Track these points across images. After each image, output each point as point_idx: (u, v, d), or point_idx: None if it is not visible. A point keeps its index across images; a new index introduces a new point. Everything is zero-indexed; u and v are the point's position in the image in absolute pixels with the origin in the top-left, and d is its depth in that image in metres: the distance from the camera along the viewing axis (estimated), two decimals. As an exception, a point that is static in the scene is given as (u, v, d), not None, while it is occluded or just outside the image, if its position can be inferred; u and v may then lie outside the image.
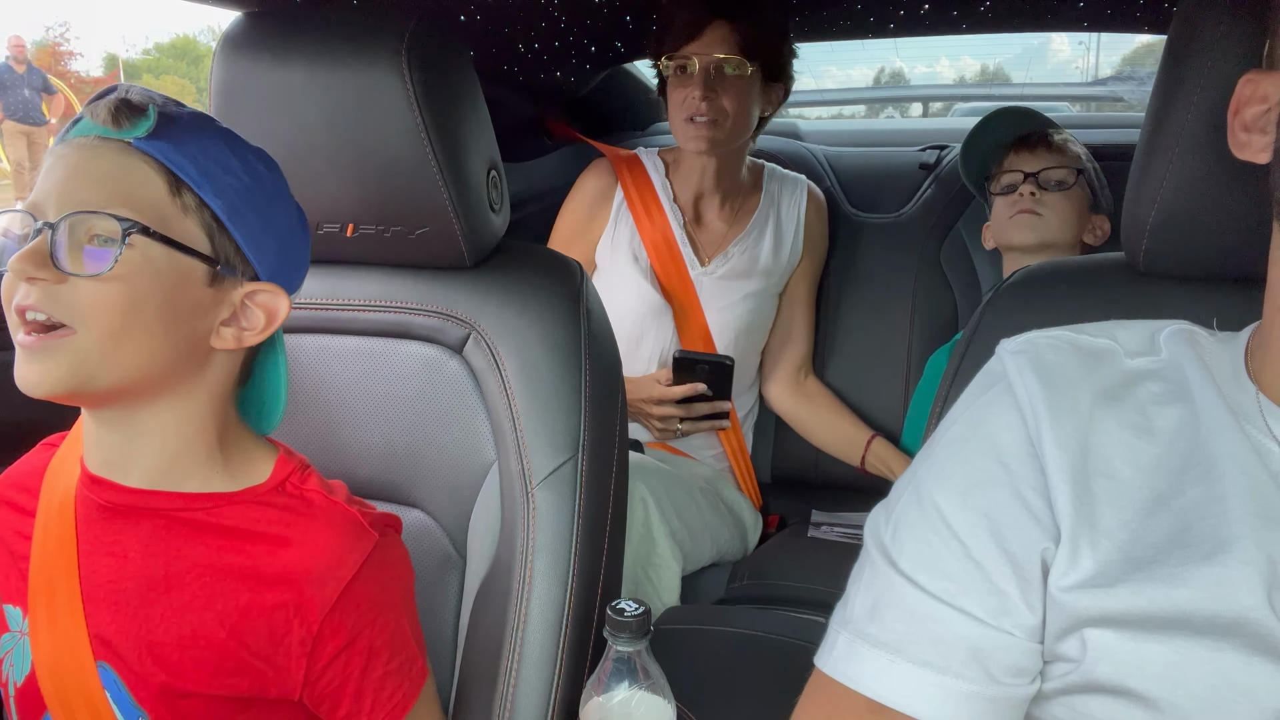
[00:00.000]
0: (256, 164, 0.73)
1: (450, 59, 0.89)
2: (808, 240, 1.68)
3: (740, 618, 1.18)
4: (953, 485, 0.60)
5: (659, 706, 0.66)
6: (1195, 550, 0.54)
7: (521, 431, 0.88)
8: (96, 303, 0.64)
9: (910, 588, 0.59)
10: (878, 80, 4.27)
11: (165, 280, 0.67)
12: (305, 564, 0.71)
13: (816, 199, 1.70)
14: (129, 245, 0.65)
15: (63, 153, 0.68)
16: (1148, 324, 0.66)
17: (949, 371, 0.85)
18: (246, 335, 0.73)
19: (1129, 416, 0.60)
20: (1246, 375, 0.60)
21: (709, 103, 1.46)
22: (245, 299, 0.72)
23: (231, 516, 0.73)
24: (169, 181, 0.68)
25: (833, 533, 1.58)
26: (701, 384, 1.51)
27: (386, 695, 0.74)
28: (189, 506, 0.72)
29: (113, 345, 0.65)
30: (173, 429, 0.72)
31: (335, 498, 0.76)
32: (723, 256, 1.62)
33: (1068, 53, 4.11)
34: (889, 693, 0.58)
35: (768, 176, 1.69)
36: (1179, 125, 0.73)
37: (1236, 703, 0.52)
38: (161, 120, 0.68)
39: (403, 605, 0.78)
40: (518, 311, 0.92)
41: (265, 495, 0.74)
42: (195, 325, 0.70)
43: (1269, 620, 0.52)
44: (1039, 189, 1.51)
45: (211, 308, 0.70)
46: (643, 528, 1.33)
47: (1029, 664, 0.58)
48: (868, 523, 0.65)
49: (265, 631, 0.70)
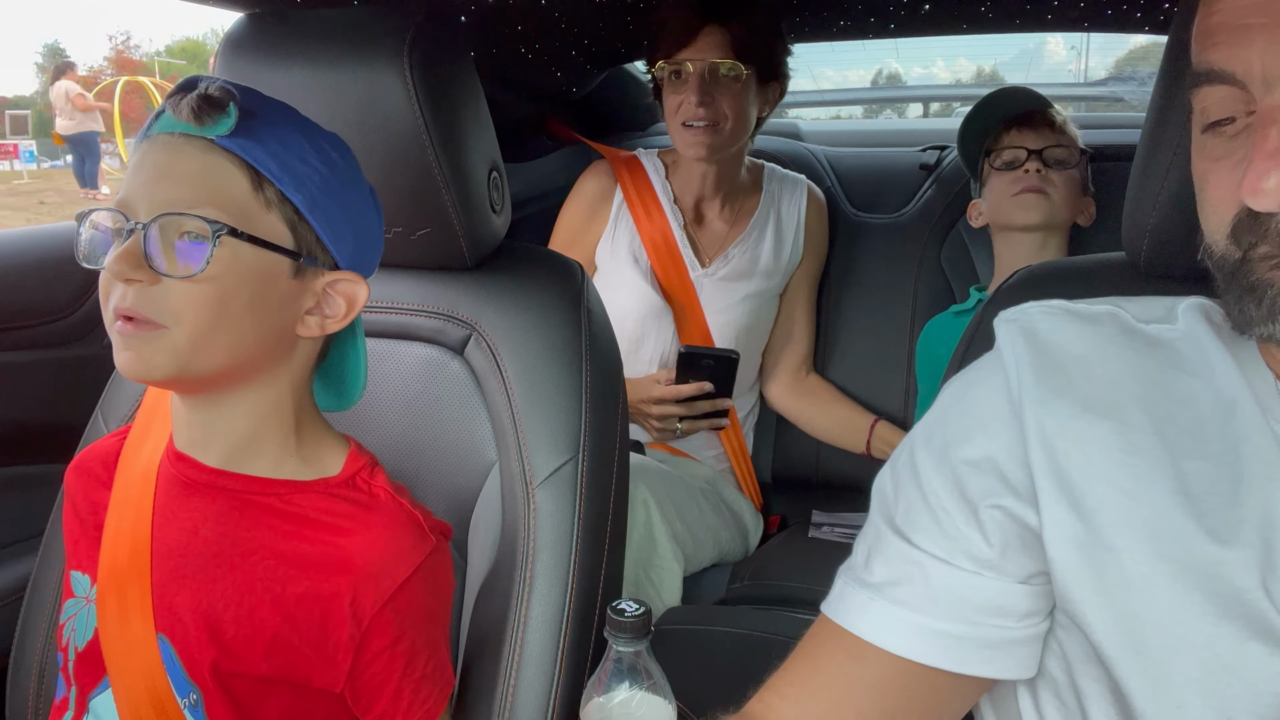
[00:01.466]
0: (331, 152, 0.74)
1: (451, 59, 0.89)
2: (808, 240, 1.68)
3: (741, 618, 1.18)
4: (933, 445, 0.64)
5: (660, 707, 0.66)
6: (1198, 525, 0.54)
7: (522, 432, 0.88)
8: (188, 302, 0.66)
9: (895, 537, 0.63)
10: (875, 82, 4.25)
11: (253, 276, 0.69)
12: (364, 558, 0.72)
13: (816, 199, 1.70)
14: (219, 245, 0.66)
15: (147, 150, 0.69)
16: (1163, 299, 0.66)
17: (951, 368, 0.85)
18: (329, 323, 0.74)
19: (1140, 373, 0.60)
20: (1263, 361, 0.59)
21: (706, 107, 1.46)
22: (326, 288, 0.74)
23: (301, 504, 0.74)
24: (251, 178, 0.68)
25: (833, 533, 1.58)
26: (708, 383, 1.50)
27: (422, 698, 0.75)
28: (264, 490, 0.74)
29: (204, 340, 0.67)
30: (254, 411, 0.74)
31: (401, 498, 0.77)
32: (723, 258, 1.62)
33: (1063, 56, 4.12)
34: (866, 627, 0.62)
35: (767, 176, 1.69)
36: (1179, 125, 0.73)
37: (1233, 686, 0.52)
38: (242, 116, 0.69)
39: (443, 613, 0.79)
40: (519, 312, 0.92)
41: (336, 487, 0.75)
42: (282, 316, 0.72)
43: (1263, 604, 0.52)
44: (1044, 166, 1.48)
45: (296, 298, 0.72)
46: (644, 529, 1.33)
47: (1016, 604, 0.60)
48: (875, 481, 0.69)
49: (318, 619, 0.72)
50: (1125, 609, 0.55)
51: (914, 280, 1.74)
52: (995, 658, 0.61)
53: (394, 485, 0.78)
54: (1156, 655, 0.54)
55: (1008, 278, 0.89)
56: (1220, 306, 0.61)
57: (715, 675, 1.03)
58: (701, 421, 1.56)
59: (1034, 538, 0.59)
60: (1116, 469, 0.57)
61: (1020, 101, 1.58)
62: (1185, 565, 0.54)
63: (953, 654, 0.60)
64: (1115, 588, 0.55)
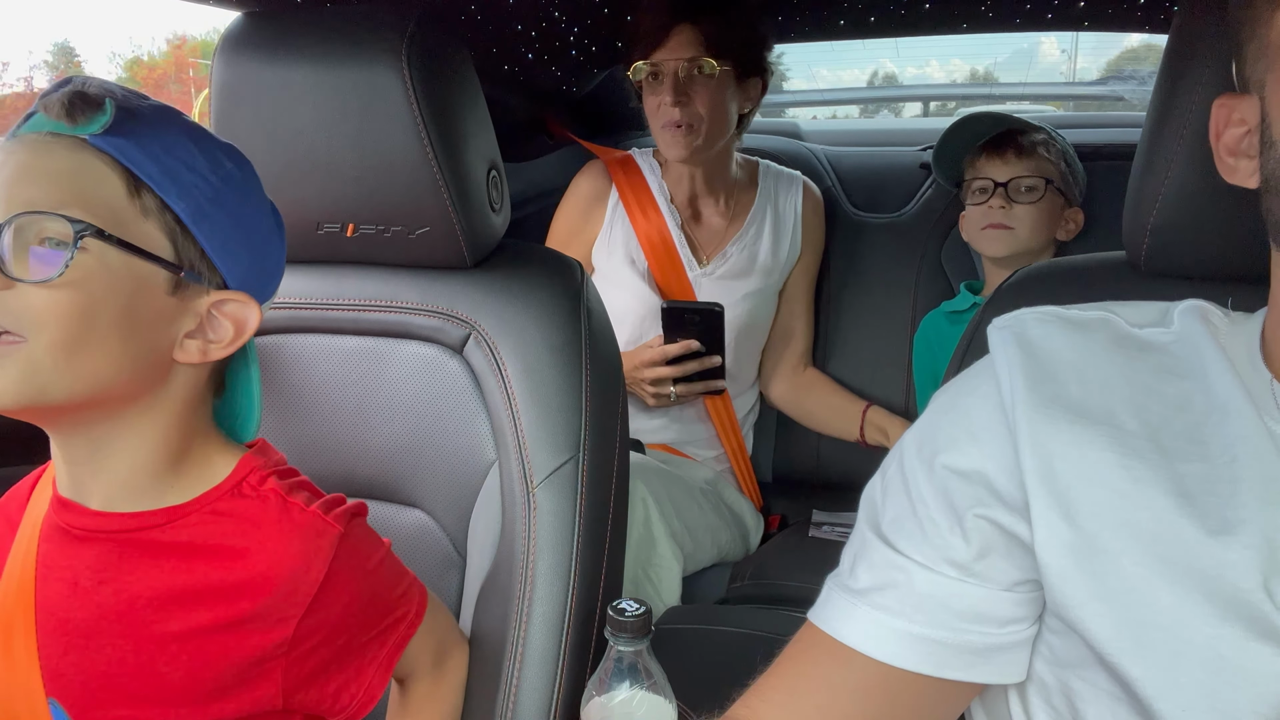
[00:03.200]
0: (226, 162, 0.68)
1: (450, 59, 0.89)
2: (806, 236, 1.67)
3: (741, 618, 1.18)
4: (923, 453, 0.64)
5: (660, 706, 0.66)
6: (1198, 526, 0.54)
7: (522, 431, 0.88)
8: (47, 310, 0.60)
9: (880, 544, 0.63)
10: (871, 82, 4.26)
11: (122, 287, 0.62)
12: (269, 574, 0.67)
13: (812, 194, 1.70)
14: (82, 249, 0.60)
15: (12, 149, 0.62)
16: (1157, 303, 0.66)
17: (951, 370, 0.85)
18: (213, 348, 0.68)
19: (1134, 379, 0.60)
20: (1261, 360, 0.59)
21: (682, 108, 1.45)
22: (212, 308, 0.67)
23: (185, 532, 0.68)
24: (127, 181, 0.63)
25: (833, 532, 1.58)
26: (695, 341, 1.46)
27: (387, 649, 0.74)
28: (141, 526, 0.68)
29: (66, 356, 0.61)
30: (134, 447, 0.67)
31: (294, 498, 0.71)
32: (721, 256, 1.61)
33: (1056, 56, 4.12)
34: (848, 633, 0.62)
35: (763, 173, 1.68)
36: (1180, 125, 0.73)
37: (1237, 687, 0.52)
38: (120, 115, 0.63)
39: (380, 575, 0.74)
40: (518, 311, 0.92)
41: (220, 501, 0.69)
42: (156, 337, 0.65)
43: (1264, 604, 0.52)
44: (1008, 201, 1.51)
45: (174, 318, 0.66)
46: (643, 528, 1.33)
47: (998, 611, 0.60)
48: (865, 489, 0.69)
49: (234, 650, 0.67)
50: (1126, 613, 0.55)
51: (914, 279, 1.74)
52: (976, 663, 0.61)
53: (289, 485, 0.72)
54: (1161, 657, 0.54)
55: (1008, 277, 0.89)
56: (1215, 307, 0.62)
57: (715, 675, 1.03)
58: (697, 385, 1.52)
59: (1020, 548, 0.59)
60: (1112, 473, 0.56)
61: (990, 127, 1.59)
62: (1186, 567, 0.54)
63: (933, 659, 0.60)
64: (1116, 592, 0.55)
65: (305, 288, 0.97)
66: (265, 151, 0.89)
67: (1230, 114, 0.59)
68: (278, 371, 0.97)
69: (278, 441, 0.85)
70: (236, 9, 0.93)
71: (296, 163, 0.89)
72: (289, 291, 0.97)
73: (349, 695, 0.73)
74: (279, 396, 0.97)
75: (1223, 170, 0.60)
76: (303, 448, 0.96)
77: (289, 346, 0.97)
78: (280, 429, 0.96)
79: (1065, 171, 1.55)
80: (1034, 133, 1.55)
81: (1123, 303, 0.67)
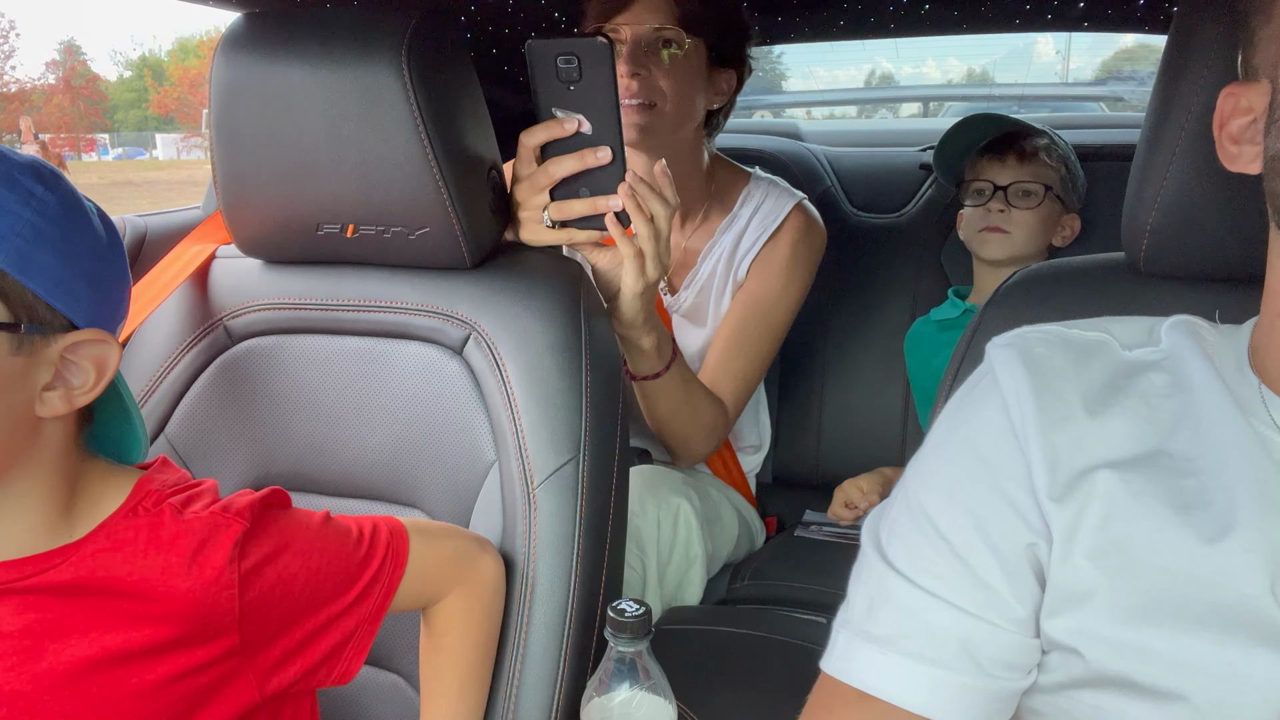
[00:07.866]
0: (36, 188, 0.59)
1: (450, 59, 0.89)
2: (767, 261, 1.34)
3: (741, 618, 1.18)
4: (937, 485, 0.62)
5: (660, 707, 0.66)
6: (1196, 535, 0.54)
7: (522, 432, 0.88)
8: None
9: (902, 583, 0.60)
10: (868, 82, 4.26)
11: None
12: (182, 591, 0.63)
13: (800, 221, 1.37)
14: None
15: None
16: (1145, 319, 0.66)
17: (949, 373, 0.85)
18: (77, 396, 0.62)
19: (1129, 405, 0.60)
20: (1250, 368, 0.60)
21: (640, 80, 1.21)
22: (65, 354, 0.61)
23: (85, 565, 0.63)
24: None
25: (821, 532, 1.57)
26: (580, 116, 0.92)
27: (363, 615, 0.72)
28: (38, 569, 0.62)
29: None
30: (22, 509, 0.63)
31: (192, 507, 0.67)
32: (685, 285, 1.39)
33: (1051, 57, 4.14)
34: (882, 685, 0.59)
35: (751, 187, 1.40)
36: (1179, 125, 0.73)
37: (1243, 694, 0.52)
38: None
39: (318, 550, 0.70)
40: (518, 312, 0.92)
41: (115, 528, 0.65)
42: (11, 401, 0.59)
43: (1271, 609, 0.52)
44: (1006, 205, 1.51)
45: (25, 376, 0.59)
46: (683, 529, 1.26)
47: (1021, 658, 0.59)
48: (865, 524, 0.67)
49: (184, 668, 0.64)
50: (1131, 623, 0.55)
51: (914, 280, 1.74)
52: (1005, 711, 0.59)
53: (187, 495, 0.67)
54: (1166, 666, 0.54)
55: (1008, 278, 0.89)
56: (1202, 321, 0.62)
57: (715, 675, 1.03)
58: (577, 205, 0.95)
59: (1037, 575, 0.58)
60: (1115, 488, 0.57)
61: (991, 129, 1.58)
62: (1189, 577, 0.54)
63: (974, 710, 0.58)
64: (1123, 606, 0.55)
65: (305, 288, 0.97)
66: (265, 151, 0.90)
67: (1238, 102, 0.59)
68: (278, 372, 0.97)
69: (278, 442, 0.85)
70: (236, 9, 0.94)
71: (296, 163, 0.89)
72: (289, 291, 0.97)
73: (332, 666, 0.72)
74: (279, 397, 0.97)
75: (1224, 158, 0.60)
76: (302, 448, 0.96)
77: (289, 347, 0.97)
78: (280, 429, 0.96)
79: (1065, 178, 1.55)
80: (1037, 137, 1.55)
81: (1115, 319, 0.66)
